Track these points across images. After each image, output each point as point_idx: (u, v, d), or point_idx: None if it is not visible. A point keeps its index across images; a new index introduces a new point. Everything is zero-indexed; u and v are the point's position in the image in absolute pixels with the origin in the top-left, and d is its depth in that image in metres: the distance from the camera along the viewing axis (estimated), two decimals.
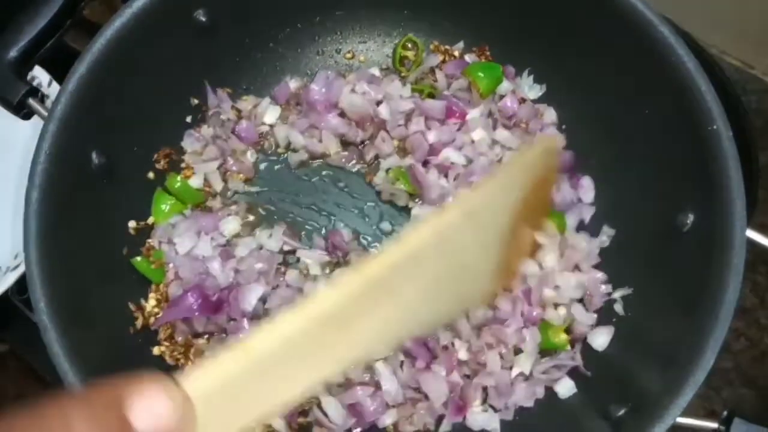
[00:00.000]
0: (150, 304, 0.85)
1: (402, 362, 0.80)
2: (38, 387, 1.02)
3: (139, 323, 0.83)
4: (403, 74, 0.97)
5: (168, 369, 0.83)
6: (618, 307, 0.83)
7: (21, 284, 0.92)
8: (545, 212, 0.69)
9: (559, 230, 0.84)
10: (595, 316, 0.84)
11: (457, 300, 0.60)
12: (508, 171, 0.58)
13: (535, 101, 0.94)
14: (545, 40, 0.89)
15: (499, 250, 0.61)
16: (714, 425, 0.66)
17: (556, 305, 0.84)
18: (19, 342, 1.02)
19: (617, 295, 0.84)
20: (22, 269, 0.92)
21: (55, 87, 1.00)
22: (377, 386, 0.78)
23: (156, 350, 0.83)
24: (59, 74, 0.97)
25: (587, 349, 0.83)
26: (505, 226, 0.60)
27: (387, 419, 0.79)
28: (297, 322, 0.44)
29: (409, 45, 0.98)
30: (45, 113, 0.77)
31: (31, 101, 0.79)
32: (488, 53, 0.96)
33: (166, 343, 0.84)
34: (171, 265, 0.86)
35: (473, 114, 0.91)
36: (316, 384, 0.46)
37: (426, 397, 0.79)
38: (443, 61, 0.96)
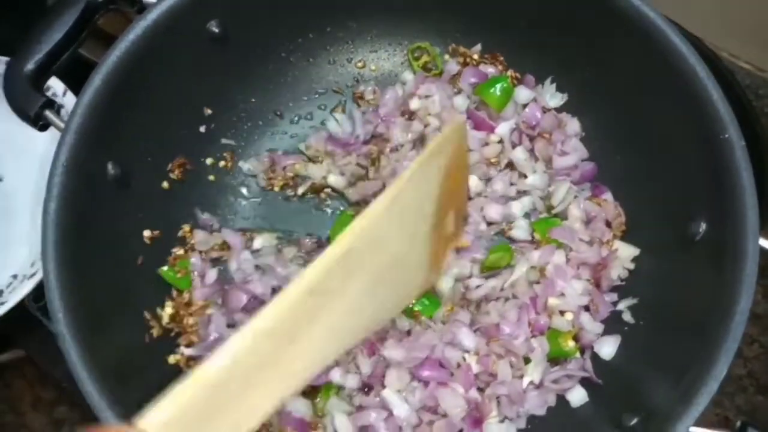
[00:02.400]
0: (166, 312, 0.86)
1: (415, 388, 0.80)
2: (54, 393, 1.03)
3: (155, 332, 0.84)
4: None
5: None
6: (627, 316, 0.83)
7: (37, 292, 0.93)
8: (463, 198, 0.70)
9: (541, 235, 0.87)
10: (602, 325, 0.84)
11: (398, 293, 0.61)
12: (424, 159, 0.58)
13: (557, 110, 0.94)
14: (559, 49, 0.90)
15: (428, 239, 0.61)
16: None
17: (562, 312, 0.84)
18: (36, 349, 1.03)
19: (623, 306, 0.84)
20: (38, 277, 0.93)
21: (70, 96, 1.01)
22: (391, 411, 0.79)
23: (172, 359, 0.84)
24: (75, 84, 0.98)
25: (598, 358, 0.83)
26: (430, 213, 0.61)
27: None
28: (245, 342, 0.45)
29: (417, 53, 0.99)
30: (61, 125, 0.78)
31: (48, 113, 0.80)
32: (501, 59, 0.96)
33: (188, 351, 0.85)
34: (195, 273, 0.88)
35: (502, 128, 0.92)
36: (275, 403, 0.47)
37: (442, 415, 0.79)
38: (464, 64, 0.97)
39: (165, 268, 0.88)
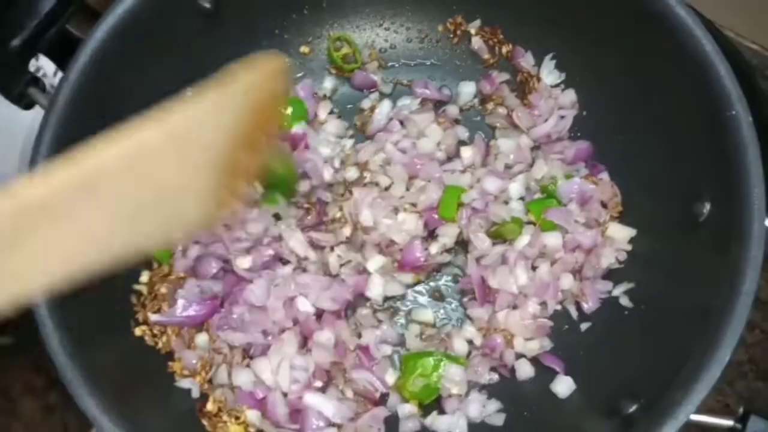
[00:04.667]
0: (141, 280, 0.84)
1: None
2: (46, 380, 1.02)
3: (140, 316, 0.83)
4: (346, 72, 0.96)
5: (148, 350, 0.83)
6: (624, 301, 0.81)
7: None
8: (270, 136, 0.64)
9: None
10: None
11: (163, 225, 0.55)
12: (225, 90, 0.54)
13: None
14: (560, 25, 0.88)
15: (213, 173, 0.55)
16: (730, 423, 0.64)
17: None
18: (26, 334, 1.01)
19: (619, 291, 0.82)
20: None
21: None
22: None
23: (138, 331, 0.82)
24: (64, 63, 0.96)
25: (593, 342, 0.81)
26: (220, 148, 0.55)
27: None
28: None
29: (337, 44, 0.97)
30: (46, 103, 0.76)
31: (32, 91, 0.78)
32: (500, 35, 0.94)
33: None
34: (179, 247, 0.86)
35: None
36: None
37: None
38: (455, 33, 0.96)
39: None
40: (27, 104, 0.79)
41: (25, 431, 1.00)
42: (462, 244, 0.88)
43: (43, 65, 0.98)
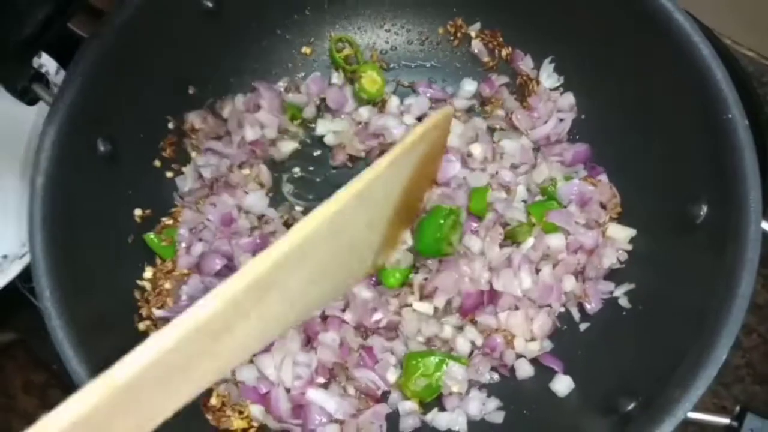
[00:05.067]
0: (145, 276, 0.84)
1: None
2: (46, 377, 1.02)
3: (144, 311, 0.83)
4: (348, 73, 0.97)
5: None
6: (623, 302, 0.82)
7: (28, 272, 0.91)
8: (431, 182, 0.68)
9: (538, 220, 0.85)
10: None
11: (344, 278, 0.59)
12: (406, 147, 0.56)
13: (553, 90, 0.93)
14: (559, 28, 0.89)
15: (386, 224, 0.60)
16: (726, 421, 0.65)
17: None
18: (27, 331, 1.02)
19: (619, 291, 0.83)
20: (29, 257, 0.91)
21: (63, 75, 0.99)
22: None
23: (141, 326, 0.82)
24: (66, 62, 0.96)
25: (592, 342, 0.82)
26: (394, 202, 0.59)
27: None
28: (169, 338, 0.40)
29: (339, 45, 0.97)
30: (50, 99, 0.76)
31: (36, 87, 0.78)
32: (500, 38, 0.95)
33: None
34: (183, 244, 0.86)
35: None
36: (188, 399, 0.44)
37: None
38: (455, 35, 0.96)
39: (151, 234, 0.86)
40: (31, 100, 0.79)
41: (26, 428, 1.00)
42: None
43: (46, 63, 0.99)
